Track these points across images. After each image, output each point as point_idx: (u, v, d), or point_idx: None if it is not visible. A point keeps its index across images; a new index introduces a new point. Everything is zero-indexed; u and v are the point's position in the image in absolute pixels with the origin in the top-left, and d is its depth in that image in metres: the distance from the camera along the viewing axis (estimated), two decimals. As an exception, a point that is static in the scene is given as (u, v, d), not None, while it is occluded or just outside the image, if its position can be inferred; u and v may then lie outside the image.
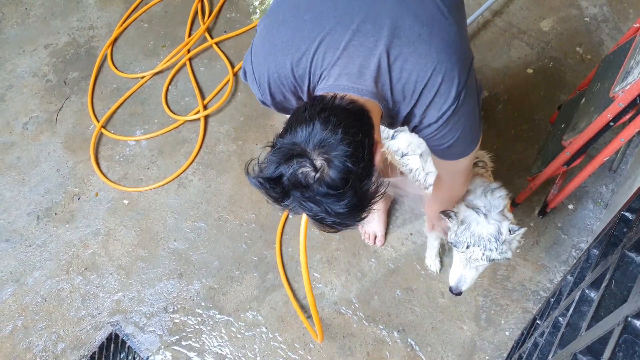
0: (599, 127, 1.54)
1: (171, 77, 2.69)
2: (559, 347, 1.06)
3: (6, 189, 2.49)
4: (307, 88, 1.11)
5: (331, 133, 0.93)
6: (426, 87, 1.05)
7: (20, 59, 2.87)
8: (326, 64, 1.05)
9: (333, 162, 0.92)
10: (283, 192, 0.96)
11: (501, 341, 1.94)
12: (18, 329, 2.17)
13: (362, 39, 1.03)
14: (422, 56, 1.03)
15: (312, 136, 0.93)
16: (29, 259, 2.31)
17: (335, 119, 0.94)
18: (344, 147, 0.92)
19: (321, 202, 0.94)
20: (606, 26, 2.48)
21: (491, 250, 1.44)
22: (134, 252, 2.27)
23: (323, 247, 2.17)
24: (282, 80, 1.12)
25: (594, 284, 1.06)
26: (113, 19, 2.94)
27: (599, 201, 2.12)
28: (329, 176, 0.93)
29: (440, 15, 1.06)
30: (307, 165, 0.93)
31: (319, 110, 0.96)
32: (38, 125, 2.65)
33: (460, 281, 1.54)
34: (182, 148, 2.50)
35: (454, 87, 1.06)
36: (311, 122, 0.94)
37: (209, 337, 2.07)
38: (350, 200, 0.94)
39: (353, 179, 0.93)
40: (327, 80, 1.05)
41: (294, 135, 0.95)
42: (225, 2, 2.90)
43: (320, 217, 0.97)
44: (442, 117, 1.08)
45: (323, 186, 0.93)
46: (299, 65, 1.08)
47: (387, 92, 1.06)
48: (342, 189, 0.93)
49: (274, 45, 1.10)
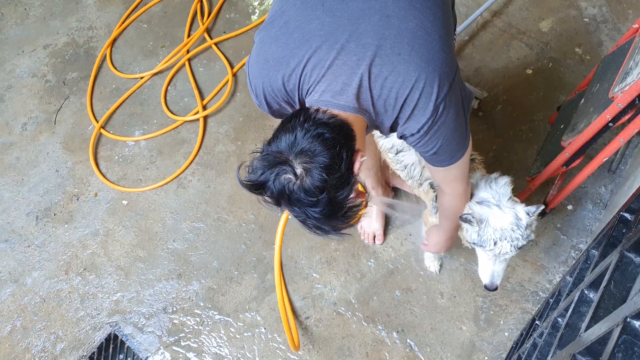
0: (598, 128, 1.54)
1: (170, 78, 2.69)
2: (558, 347, 1.06)
3: (5, 189, 2.49)
4: (298, 99, 1.18)
5: (311, 143, 1.01)
6: (405, 102, 1.12)
7: (20, 59, 2.87)
8: (312, 80, 1.12)
9: (311, 172, 1.01)
10: (272, 196, 1.05)
11: (500, 342, 1.94)
12: (17, 329, 2.17)
13: (345, 57, 1.09)
14: (400, 74, 1.09)
15: (294, 145, 1.02)
16: (28, 260, 2.31)
17: (316, 131, 1.03)
18: (321, 158, 1.01)
19: (301, 205, 1.03)
20: (605, 27, 2.48)
21: (517, 239, 1.44)
22: (133, 252, 2.27)
23: (322, 247, 2.17)
24: (276, 93, 1.19)
25: (593, 284, 1.06)
26: (112, 19, 2.94)
27: (598, 202, 2.12)
28: (307, 184, 1.01)
29: (422, 32, 1.12)
30: (289, 172, 1.02)
31: (302, 121, 1.05)
32: (37, 126, 2.65)
33: (494, 277, 1.54)
34: (182, 148, 2.49)
35: (432, 101, 1.12)
36: (294, 132, 1.03)
37: (208, 337, 2.07)
38: (325, 208, 1.03)
39: (328, 188, 1.02)
40: (312, 95, 1.13)
41: (279, 143, 1.04)
42: (225, 3, 2.90)
43: (303, 219, 1.06)
44: (423, 128, 1.15)
45: (302, 192, 1.02)
46: (290, 80, 1.15)
47: (369, 107, 1.13)
48: (317, 197, 1.01)
49: (267, 61, 1.17)
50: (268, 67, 1.17)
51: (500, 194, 1.48)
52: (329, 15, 1.12)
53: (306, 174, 1.02)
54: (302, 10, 1.15)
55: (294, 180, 1.02)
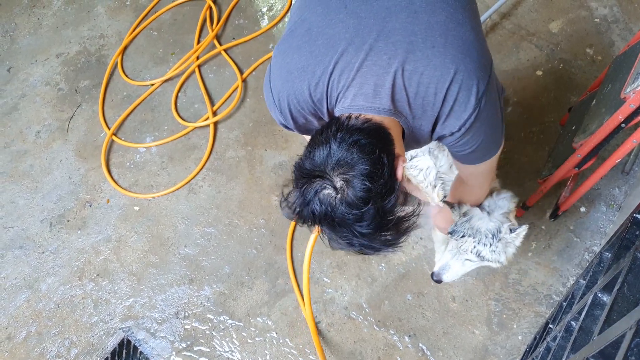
0: (610, 129, 1.52)
1: (180, 84, 2.71)
2: (572, 351, 1.05)
3: (20, 196, 2.52)
4: (327, 110, 1.12)
5: (347, 152, 0.93)
6: (445, 98, 1.05)
7: (33, 68, 2.91)
8: (341, 86, 1.06)
9: (352, 182, 0.93)
10: (314, 219, 0.97)
11: (513, 346, 1.92)
12: (32, 335, 2.19)
13: (375, 58, 1.03)
14: (437, 68, 1.02)
15: (330, 158, 0.94)
16: (42, 266, 2.33)
17: (351, 139, 0.95)
18: (361, 165, 0.93)
19: (346, 223, 0.94)
20: (617, 27, 2.46)
21: (484, 245, 1.44)
22: (145, 258, 2.29)
23: (333, 252, 2.17)
24: (302, 105, 1.13)
25: (607, 287, 1.05)
26: (123, 28, 2.98)
27: (612, 203, 2.09)
28: (349, 196, 0.93)
29: (454, 24, 1.05)
30: (328, 187, 0.94)
31: (334, 131, 0.97)
32: (50, 134, 2.68)
33: (444, 268, 1.54)
34: (192, 154, 2.51)
35: (473, 95, 1.05)
36: (327, 143, 0.95)
37: (220, 342, 2.07)
38: (372, 221, 0.94)
39: (373, 197, 0.93)
40: (343, 101, 1.06)
41: (313, 159, 0.96)
42: (234, 9, 2.92)
43: (349, 240, 0.98)
44: (464, 125, 1.08)
45: (345, 206, 0.93)
46: (317, 89, 1.09)
47: (404, 108, 1.06)
48: (362, 209, 0.93)
49: (290, 72, 1.11)
50: (292, 78, 1.11)
51: (497, 205, 1.50)
52: (354, 17, 1.06)
53: (347, 186, 0.93)
54: (324, 15, 1.09)
55: (334, 195, 0.94)
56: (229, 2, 2.93)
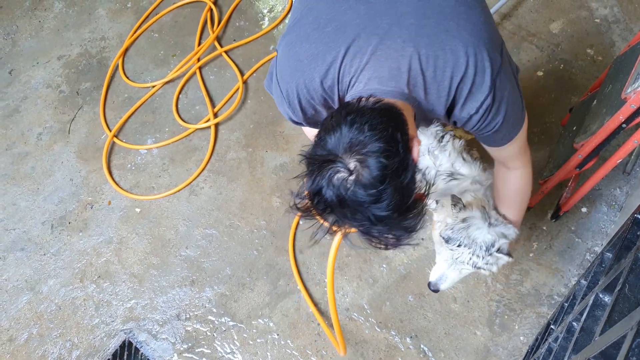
0: (611, 129, 1.52)
1: (181, 86, 2.71)
2: (573, 352, 1.05)
3: (21, 198, 2.53)
4: (338, 97, 1.10)
5: (359, 132, 0.89)
6: (462, 82, 1.04)
7: (35, 71, 2.92)
8: (354, 70, 1.04)
9: (366, 162, 0.88)
10: (326, 207, 0.92)
11: (515, 347, 1.92)
12: (33, 337, 2.19)
13: (389, 42, 1.02)
14: (452, 52, 1.02)
15: (341, 141, 0.90)
16: (44, 268, 2.34)
17: (362, 119, 0.91)
18: (375, 144, 0.88)
19: (363, 208, 0.90)
20: (617, 27, 2.46)
21: (478, 257, 1.45)
22: (146, 259, 2.29)
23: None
24: (312, 94, 1.11)
25: (608, 287, 1.04)
26: (124, 30, 2.98)
27: (613, 204, 2.09)
28: (364, 176, 0.88)
29: (464, 7, 1.05)
30: (341, 170, 0.89)
31: (345, 114, 0.94)
32: (52, 136, 2.69)
33: (441, 279, 1.53)
34: (193, 156, 2.51)
35: (488, 76, 1.05)
36: (338, 127, 0.92)
37: (221, 344, 2.07)
38: (391, 199, 0.89)
39: (390, 175, 0.89)
40: (357, 86, 1.04)
41: (324, 145, 0.92)
42: (234, 11, 2.92)
43: (367, 227, 0.93)
44: (482, 107, 1.08)
45: (360, 188, 0.88)
46: (327, 76, 1.07)
47: (420, 93, 1.04)
48: (380, 187, 0.88)
49: (300, 61, 1.09)
50: (302, 67, 1.09)
51: (502, 223, 1.50)
52: (363, 3, 1.05)
53: (361, 166, 0.88)
54: (332, 3, 1.08)
55: (348, 177, 0.89)
56: (229, 4, 2.94)
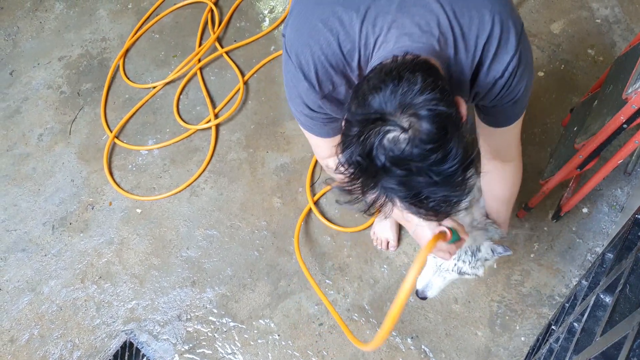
0: (612, 130, 1.52)
1: (182, 87, 2.71)
2: (574, 353, 1.05)
3: (22, 199, 2.53)
4: (358, 63, 1.02)
5: (409, 85, 0.80)
6: (488, 41, 0.99)
7: (35, 72, 2.92)
8: (378, 29, 0.97)
9: (421, 114, 0.79)
10: (377, 173, 0.82)
11: (516, 347, 1.92)
12: (34, 337, 2.19)
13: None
14: (477, 10, 0.98)
15: (388, 99, 0.80)
16: (45, 268, 2.34)
17: (408, 72, 0.82)
18: (429, 94, 0.79)
19: (422, 169, 0.80)
20: (618, 27, 2.46)
21: (464, 262, 1.43)
22: (147, 260, 2.29)
23: (335, 254, 2.17)
24: (330, 61, 1.02)
25: (609, 288, 1.04)
26: (125, 31, 2.98)
27: (614, 204, 2.09)
28: (423, 131, 0.78)
29: None
30: (393, 129, 0.79)
31: (386, 72, 0.84)
32: (52, 136, 2.69)
33: (427, 286, 1.53)
34: (194, 157, 2.52)
35: (513, 35, 1.01)
36: (381, 84, 0.82)
37: (222, 344, 2.08)
38: (457, 151, 0.80)
39: (451, 124, 0.80)
40: (385, 45, 0.97)
41: (367, 105, 0.82)
42: (235, 12, 2.93)
43: (424, 195, 0.83)
44: (508, 69, 1.03)
45: (419, 145, 0.78)
46: (347, 39, 1.00)
47: (450, 50, 0.98)
48: (443, 139, 0.79)
49: (314, 26, 1.02)
50: (317, 32, 1.01)
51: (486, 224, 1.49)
52: None
53: (418, 120, 0.79)
54: None
55: (404, 135, 0.79)
56: (230, 5, 2.94)
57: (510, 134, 1.26)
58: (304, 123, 1.20)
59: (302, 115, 1.16)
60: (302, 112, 1.15)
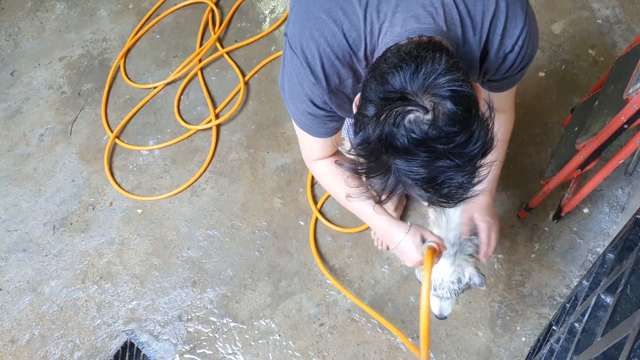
0: (613, 130, 1.52)
1: (183, 87, 2.72)
2: (575, 353, 1.05)
3: (23, 199, 2.53)
4: (364, 53, 1.01)
5: (432, 64, 0.78)
6: (495, 16, 0.98)
7: (36, 72, 2.92)
8: (383, 15, 0.96)
9: (444, 94, 0.77)
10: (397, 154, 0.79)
11: (517, 348, 1.92)
12: (35, 337, 2.20)
13: None
14: None
15: (411, 78, 0.78)
16: (46, 269, 2.34)
17: (429, 52, 0.81)
18: (451, 74, 0.78)
19: (445, 152, 0.77)
20: (619, 28, 2.46)
21: (455, 291, 1.51)
22: (148, 260, 2.29)
23: (335, 254, 2.17)
24: (336, 52, 1.01)
25: (610, 288, 1.04)
26: (126, 31, 2.99)
27: (615, 204, 2.09)
28: (447, 112, 0.76)
29: None
30: (415, 110, 0.77)
31: (404, 54, 0.82)
32: (53, 137, 2.69)
33: (442, 310, 1.61)
34: (195, 157, 2.52)
35: (520, 8, 1.00)
36: (400, 65, 0.80)
37: (223, 345, 2.08)
38: (479, 134, 0.78)
39: (474, 106, 0.79)
40: (392, 30, 0.95)
41: (387, 84, 0.79)
42: (236, 12, 2.93)
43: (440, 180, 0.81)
44: (518, 43, 1.01)
45: (444, 126, 0.76)
46: (351, 28, 0.98)
47: (457, 30, 0.97)
48: (468, 120, 0.77)
49: (317, 19, 1.01)
50: (320, 25, 1.00)
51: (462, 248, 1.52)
52: None
53: (442, 99, 0.77)
54: None
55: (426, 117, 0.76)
56: (231, 5, 2.94)
57: (508, 93, 1.27)
58: (304, 122, 1.19)
59: (304, 114, 1.15)
60: (305, 110, 1.13)
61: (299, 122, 1.20)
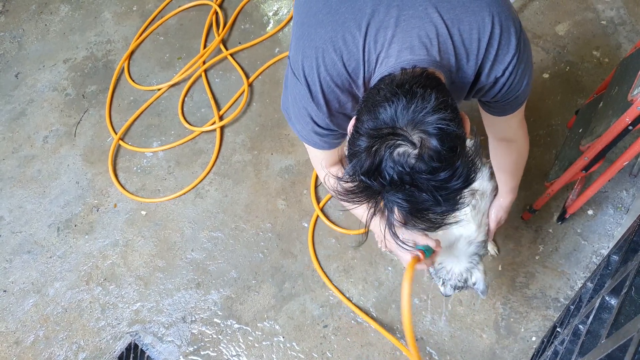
0: (617, 131, 1.52)
1: (187, 89, 2.72)
2: (579, 355, 1.04)
3: (27, 201, 2.54)
4: (363, 81, 1.04)
5: (422, 102, 0.82)
6: (489, 44, 1.01)
7: (41, 74, 2.94)
8: (380, 45, 0.99)
9: (431, 132, 0.81)
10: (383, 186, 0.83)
11: (521, 350, 1.91)
12: (39, 339, 2.20)
13: (410, 11, 0.98)
14: (475, 13, 1.00)
15: (401, 113, 0.82)
16: (50, 270, 2.35)
17: (420, 88, 0.84)
18: (441, 113, 0.82)
19: (429, 186, 0.82)
20: (623, 29, 2.45)
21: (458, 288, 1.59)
22: (152, 262, 2.30)
23: (339, 256, 2.17)
24: (336, 80, 1.05)
25: (614, 290, 1.04)
26: (130, 33, 3.00)
27: (620, 206, 2.08)
28: (431, 149, 0.80)
29: None
30: (404, 143, 0.81)
31: (396, 85, 0.86)
32: (58, 139, 2.70)
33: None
34: (199, 159, 2.52)
35: (513, 35, 1.02)
36: (393, 97, 0.83)
37: (227, 346, 2.08)
38: (462, 170, 0.83)
39: (459, 144, 0.83)
40: (387, 60, 0.99)
41: (377, 118, 0.83)
42: (240, 14, 2.93)
43: (425, 208, 0.85)
44: (508, 68, 1.05)
45: (427, 161, 0.80)
46: (351, 57, 1.02)
47: (451, 59, 1.01)
48: (452, 158, 0.81)
49: (317, 48, 1.04)
50: (321, 54, 1.03)
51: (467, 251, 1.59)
52: None
53: (429, 136, 0.80)
54: None
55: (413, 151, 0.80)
56: (234, 7, 2.95)
57: (513, 120, 1.28)
58: (310, 139, 1.22)
59: (310, 133, 1.18)
60: (310, 130, 1.17)
61: (305, 139, 1.24)
